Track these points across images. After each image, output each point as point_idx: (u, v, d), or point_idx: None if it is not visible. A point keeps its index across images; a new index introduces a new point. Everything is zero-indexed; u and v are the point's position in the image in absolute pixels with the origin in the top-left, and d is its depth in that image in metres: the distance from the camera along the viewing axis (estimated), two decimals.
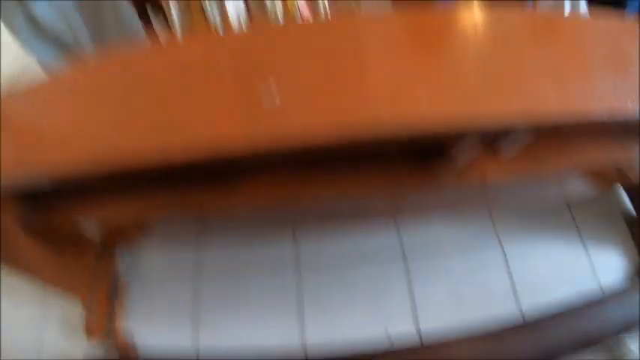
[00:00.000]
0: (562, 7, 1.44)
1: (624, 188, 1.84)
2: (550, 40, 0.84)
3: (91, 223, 1.24)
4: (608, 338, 1.49)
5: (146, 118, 0.74)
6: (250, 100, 0.70)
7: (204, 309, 1.53)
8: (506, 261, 1.64)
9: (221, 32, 1.20)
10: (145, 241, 1.61)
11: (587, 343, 1.44)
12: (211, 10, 1.23)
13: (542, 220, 1.74)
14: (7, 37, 1.37)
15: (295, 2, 1.29)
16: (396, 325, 1.48)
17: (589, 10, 1.65)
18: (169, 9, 1.29)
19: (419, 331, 1.49)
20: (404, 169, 1.00)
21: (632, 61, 0.83)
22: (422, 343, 1.45)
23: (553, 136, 1.05)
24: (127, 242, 1.56)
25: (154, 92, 0.76)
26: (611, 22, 0.92)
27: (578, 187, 1.42)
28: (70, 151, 0.73)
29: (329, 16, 1.34)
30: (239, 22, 1.29)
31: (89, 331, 1.46)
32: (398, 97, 0.70)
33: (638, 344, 1.50)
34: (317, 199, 1.00)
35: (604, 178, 1.48)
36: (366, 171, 0.99)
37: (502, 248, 1.66)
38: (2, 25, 1.33)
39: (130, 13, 1.46)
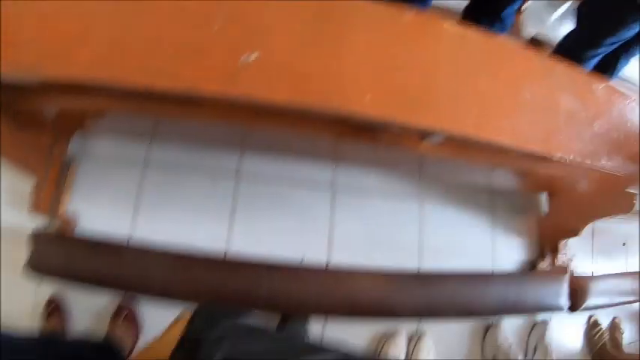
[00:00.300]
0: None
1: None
2: (497, 71, 0.94)
3: (51, 108, 1.28)
4: (488, 314, 1.72)
5: (138, 42, 0.79)
6: (231, 53, 0.77)
7: (144, 201, 1.62)
8: (420, 220, 1.81)
9: None
10: (98, 128, 1.65)
11: (468, 312, 1.66)
12: None
13: (463, 194, 1.89)
14: None
15: None
16: (312, 250, 1.65)
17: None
18: None
19: (329, 259, 1.66)
20: (349, 126, 1.12)
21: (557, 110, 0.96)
22: (327, 267, 1.63)
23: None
24: (81, 127, 1.60)
25: (149, 19, 0.80)
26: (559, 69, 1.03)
27: (505, 180, 1.58)
28: (67, 62, 0.75)
29: None
30: None
31: (36, 205, 1.53)
32: (353, 90, 0.80)
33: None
34: (269, 129, 1.09)
35: (534, 182, 1.64)
36: (316, 120, 1.10)
37: (419, 208, 1.82)
38: None
39: None
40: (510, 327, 1.80)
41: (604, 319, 2.06)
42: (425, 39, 0.89)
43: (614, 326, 2.08)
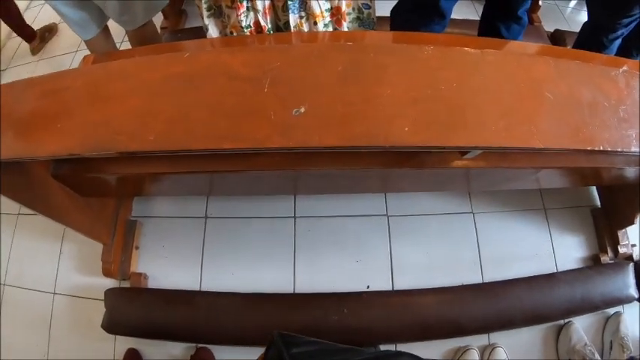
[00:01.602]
0: None
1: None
2: (516, 81, 0.99)
3: (113, 176, 1.40)
4: (557, 316, 1.71)
5: (200, 112, 0.88)
6: (280, 107, 0.87)
7: (209, 254, 1.73)
8: (477, 234, 1.83)
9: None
10: (159, 189, 1.71)
11: (536, 316, 1.66)
12: (245, 18, 1.34)
13: (514, 201, 1.92)
14: None
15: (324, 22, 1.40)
16: (375, 279, 1.70)
17: None
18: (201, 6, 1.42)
19: (393, 285, 1.71)
20: (394, 156, 1.19)
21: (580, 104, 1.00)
22: (393, 289, 1.68)
23: None
24: (142, 190, 1.67)
25: (202, 90, 0.90)
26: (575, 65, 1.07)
27: (547, 182, 1.59)
28: (138, 137, 0.86)
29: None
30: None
31: (107, 269, 1.65)
32: (391, 125, 0.87)
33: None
34: (319, 170, 1.17)
35: (571, 179, 1.65)
36: (362, 155, 1.17)
37: (475, 222, 1.85)
38: None
39: None
40: (582, 325, 1.76)
41: None
42: (446, 66, 0.95)
43: None
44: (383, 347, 1.60)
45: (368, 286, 1.68)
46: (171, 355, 1.62)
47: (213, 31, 1.44)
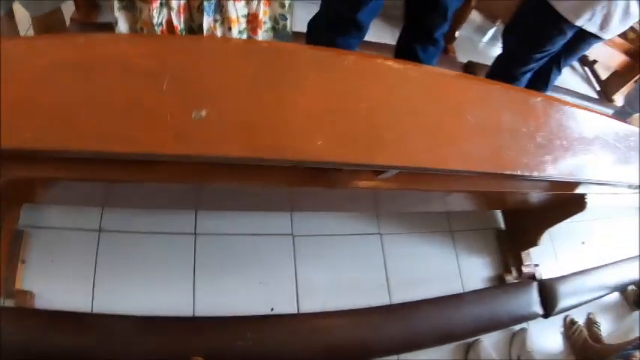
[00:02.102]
0: None
1: None
2: (439, 101, 0.97)
3: None
4: (466, 334, 1.72)
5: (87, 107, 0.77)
6: (179, 108, 0.76)
7: (102, 270, 1.55)
8: (384, 256, 1.81)
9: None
10: (49, 197, 1.59)
11: (445, 336, 1.65)
12: (157, 15, 1.25)
13: (421, 224, 1.93)
14: None
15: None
16: (280, 301, 1.61)
17: None
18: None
19: (299, 308, 1.62)
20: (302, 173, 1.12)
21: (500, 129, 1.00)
22: (298, 311, 1.60)
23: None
24: (31, 197, 1.53)
25: (93, 82, 0.79)
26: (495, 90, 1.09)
27: (455, 205, 1.62)
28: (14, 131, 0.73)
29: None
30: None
31: None
32: (303, 138, 0.80)
33: None
34: (222, 185, 1.07)
35: (478, 203, 1.69)
36: (269, 170, 1.08)
37: (382, 244, 1.83)
38: None
39: None
40: (490, 342, 1.79)
41: (579, 317, 2.10)
42: (367, 79, 0.91)
43: (590, 321, 2.12)
44: None
45: (272, 309, 1.59)
46: None
47: (122, 26, 1.31)
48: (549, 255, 2.18)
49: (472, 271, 1.93)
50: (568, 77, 2.54)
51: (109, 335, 1.40)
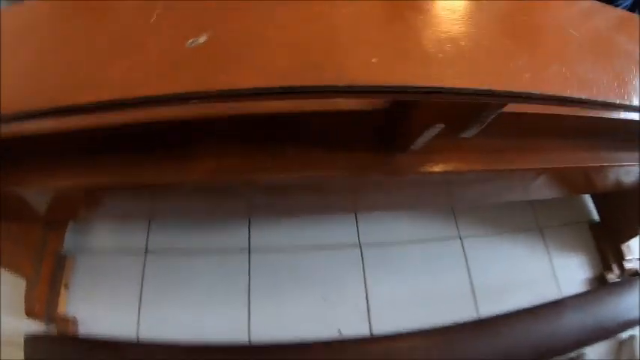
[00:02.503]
0: None
1: (591, 194, 1.82)
2: (528, 20, 0.75)
3: (35, 195, 1.12)
4: (567, 349, 1.45)
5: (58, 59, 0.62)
6: (171, 39, 0.58)
7: (149, 293, 1.44)
8: (467, 261, 1.58)
9: None
10: (94, 219, 1.53)
11: (545, 351, 1.39)
12: None
13: (505, 222, 1.69)
14: None
15: None
16: (348, 322, 1.41)
17: None
18: None
19: (371, 329, 1.41)
20: (364, 155, 0.93)
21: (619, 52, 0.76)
22: (371, 337, 1.38)
23: (518, 135, 1.00)
24: (75, 218, 1.47)
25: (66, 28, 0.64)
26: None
27: (543, 190, 1.37)
28: None
29: None
30: None
31: (30, 309, 1.35)
32: (348, 53, 0.59)
33: None
34: (269, 176, 0.90)
35: (571, 184, 1.44)
36: (323, 153, 0.92)
37: (463, 248, 1.60)
38: None
39: None
40: (594, 354, 1.52)
41: None
42: None
43: None
44: None
45: (339, 330, 1.39)
46: None
47: None
48: None
49: (568, 271, 1.66)
50: None
51: None
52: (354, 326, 1.40)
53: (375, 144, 0.92)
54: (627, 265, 1.69)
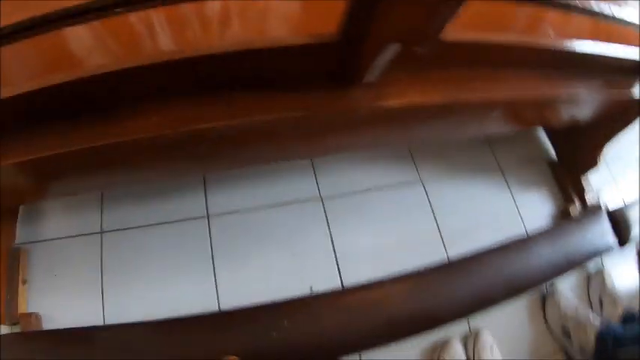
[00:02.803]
0: None
1: (546, 132, 1.83)
2: None
3: None
4: (538, 282, 1.46)
5: None
6: None
7: (111, 275, 1.36)
8: (431, 205, 1.56)
9: None
10: (44, 201, 1.44)
11: (518, 287, 1.40)
12: None
13: (465, 164, 1.68)
14: None
15: None
16: (319, 277, 1.38)
17: None
18: None
19: (343, 281, 1.39)
20: (316, 94, 0.88)
21: None
22: (342, 286, 1.35)
23: (473, 66, 0.98)
24: (24, 202, 1.38)
25: None
26: None
27: (499, 124, 1.37)
28: None
29: None
30: None
31: None
32: None
33: None
34: (218, 124, 0.84)
35: (527, 116, 1.44)
36: (273, 96, 0.87)
37: (426, 192, 1.58)
38: None
39: None
40: (565, 287, 1.56)
41: None
42: None
43: None
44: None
45: (311, 287, 1.35)
46: None
47: None
48: (608, 180, 1.92)
49: (532, 208, 1.67)
50: None
51: (125, 346, 1.17)
52: (325, 280, 1.36)
53: (327, 80, 0.87)
54: (589, 198, 1.71)
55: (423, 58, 0.87)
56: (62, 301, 1.32)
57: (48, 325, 1.29)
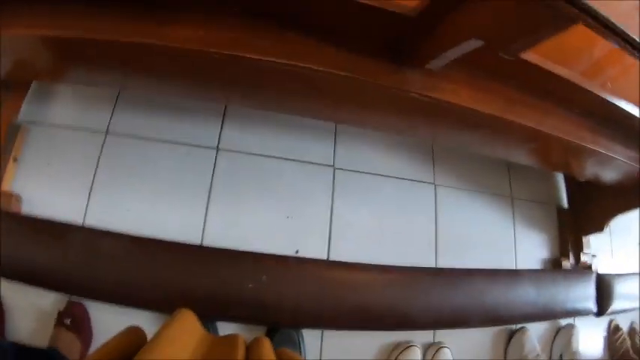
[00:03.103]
0: None
1: (565, 179, 1.80)
2: None
3: None
4: (515, 320, 1.46)
5: None
6: None
7: (103, 178, 1.32)
8: (436, 208, 1.53)
9: None
10: (57, 81, 1.39)
11: (495, 317, 1.38)
12: None
13: (481, 181, 1.65)
14: None
15: None
16: (307, 242, 1.35)
17: None
18: None
19: (329, 253, 1.36)
20: (371, 61, 0.84)
21: None
22: (328, 258, 1.33)
23: (532, 92, 0.97)
24: (37, 78, 1.33)
25: None
26: None
27: (525, 155, 1.34)
28: None
29: None
30: None
31: None
32: None
33: None
34: (261, 56, 0.81)
35: (557, 159, 1.41)
36: (327, 46, 0.82)
37: (435, 195, 1.55)
38: None
39: None
40: (535, 333, 1.54)
41: (623, 325, 1.83)
42: None
43: (633, 332, 1.86)
44: (307, 332, 1.28)
45: (297, 251, 1.32)
46: (35, 307, 1.23)
47: None
48: (606, 249, 1.89)
49: (528, 246, 1.65)
50: None
51: (94, 253, 1.17)
52: (312, 249, 1.34)
53: (387, 52, 0.84)
54: (583, 258, 1.69)
55: (490, 66, 0.85)
56: (48, 190, 1.29)
57: (26, 208, 1.27)
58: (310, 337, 1.29)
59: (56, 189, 1.30)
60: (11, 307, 1.22)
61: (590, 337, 1.71)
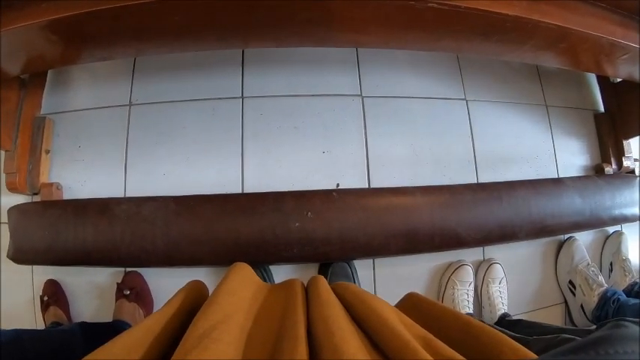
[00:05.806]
0: None
1: (599, 84, 1.74)
2: None
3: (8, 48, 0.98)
4: (562, 229, 1.43)
5: None
6: None
7: (135, 150, 1.34)
8: (471, 124, 1.50)
9: None
10: (73, 74, 1.41)
11: (542, 228, 1.36)
12: None
13: (513, 92, 1.60)
14: None
15: None
16: (346, 175, 1.36)
17: None
18: None
19: (370, 183, 1.36)
20: None
21: None
22: (369, 187, 1.33)
23: None
24: (55, 65, 1.26)
25: None
26: None
27: (553, 58, 1.29)
28: None
29: None
30: None
31: (11, 181, 1.28)
32: None
33: None
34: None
35: (583, 59, 1.36)
36: None
37: (468, 111, 1.51)
38: None
39: None
40: (584, 242, 1.53)
41: None
42: None
43: None
44: (358, 262, 1.29)
45: (338, 185, 1.33)
46: (94, 284, 1.29)
47: None
48: None
49: (568, 155, 1.61)
50: None
51: (139, 222, 1.17)
52: (352, 180, 1.34)
53: None
54: (625, 162, 1.65)
55: None
56: (84, 172, 1.33)
57: (68, 195, 1.31)
58: (362, 268, 1.31)
59: (92, 170, 1.33)
60: (71, 290, 1.29)
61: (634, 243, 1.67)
